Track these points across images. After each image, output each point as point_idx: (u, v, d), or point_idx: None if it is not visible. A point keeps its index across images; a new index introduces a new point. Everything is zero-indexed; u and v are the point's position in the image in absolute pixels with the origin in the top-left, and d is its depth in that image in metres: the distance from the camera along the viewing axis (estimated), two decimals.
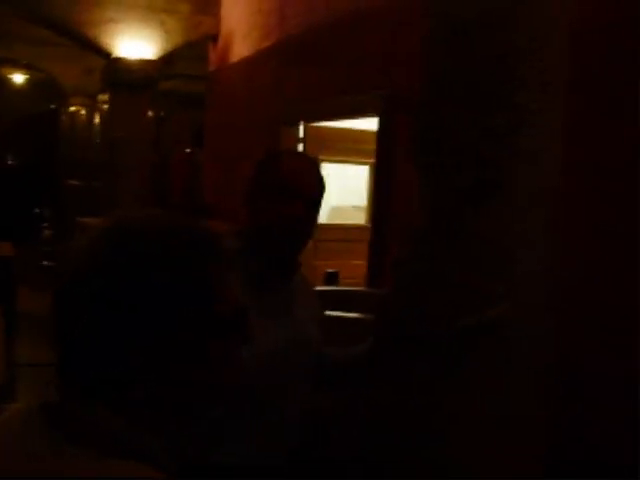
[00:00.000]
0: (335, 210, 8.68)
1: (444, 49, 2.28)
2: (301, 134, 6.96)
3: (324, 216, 8.30)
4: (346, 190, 8.45)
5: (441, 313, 2.24)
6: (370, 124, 5.83)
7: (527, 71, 2.17)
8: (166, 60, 9.65)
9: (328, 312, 3.43)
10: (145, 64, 8.83)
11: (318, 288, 5.35)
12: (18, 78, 15.47)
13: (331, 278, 6.19)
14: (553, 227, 2.24)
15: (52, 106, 14.62)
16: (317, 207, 2.46)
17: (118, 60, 8.81)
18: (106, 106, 9.93)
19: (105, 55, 8.93)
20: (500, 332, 2.19)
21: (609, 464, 2.40)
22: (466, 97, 2.21)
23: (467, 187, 2.20)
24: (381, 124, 5.25)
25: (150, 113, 11.83)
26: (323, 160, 7.55)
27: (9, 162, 15.43)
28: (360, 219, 8.31)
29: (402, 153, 4.60)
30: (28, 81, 15.44)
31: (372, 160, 5.80)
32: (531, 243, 2.21)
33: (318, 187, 2.46)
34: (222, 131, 9.01)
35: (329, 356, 2.64)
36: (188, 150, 13.67)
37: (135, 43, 8.76)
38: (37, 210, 13.57)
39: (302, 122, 6.91)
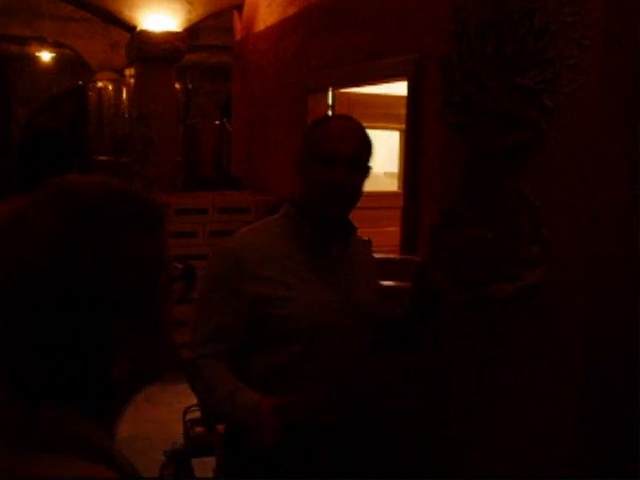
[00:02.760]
0: (372, 177, 8.60)
1: (474, 3, 2.20)
2: (330, 101, 6.89)
3: None
4: (378, 157, 8.36)
5: (478, 278, 2.18)
6: (400, 89, 5.77)
7: (559, 26, 2.09)
8: (192, 32, 9.58)
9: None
10: (170, 36, 8.74)
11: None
12: (45, 56, 15.49)
13: None
14: (593, 189, 2.18)
15: (79, 82, 14.64)
16: (360, 169, 2.47)
17: (142, 33, 8.73)
18: (133, 80, 9.84)
19: (129, 29, 8.87)
20: (537, 298, 2.14)
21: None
22: (496, 53, 2.13)
23: (500, 147, 2.13)
24: (411, 88, 5.17)
25: (177, 86, 11.81)
26: None
27: (40, 139, 15.53)
28: (393, 186, 8.23)
29: (432, 117, 4.51)
30: (55, 58, 15.46)
31: (403, 126, 5.73)
32: (570, 206, 2.14)
33: (360, 150, 2.46)
34: (250, 101, 8.95)
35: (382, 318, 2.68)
36: (217, 122, 13.64)
37: (159, 15, 8.68)
38: None
39: (330, 88, 6.84)
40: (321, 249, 2.48)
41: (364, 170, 2.49)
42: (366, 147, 2.48)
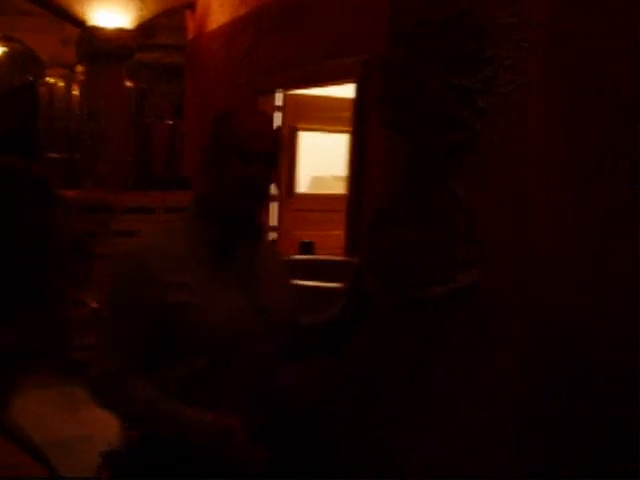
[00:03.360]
0: (316, 180, 8.59)
1: (412, 1, 2.19)
2: (279, 102, 6.85)
3: (304, 186, 8.23)
4: (327, 159, 8.35)
5: (408, 280, 2.17)
6: (350, 91, 5.74)
7: (497, 27, 2.08)
8: (146, 30, 9.49)
9: (300, 281, 3.37)
10: (121, 33, 8.64)
11: (292, 257, 5.30)
12: None
13: (306, 248, 6.09)
14: (530, 190, 2.17)
15: (30, 78, 14.41)
16: (275, 165, 2.40)
17: (93, 29, 8.61)
18: (83, 77, 9.72)
19: (80, 24, 8.74)
20: (472, 299, 2.12)
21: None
22: (433, 53, 2.12)
23: (437, 148, 2.12)
24: (358, 90, 5.15)
25: (131, 85, 11.69)
26: (302, 129, 7.46)
27: None
28: (341, 188, 8.20)
29: (375, 120, 4.49)
30: (5, 53, 15.20)
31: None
32: (506, 207, 2.13)
33: (274, 144, 2.39)
34: (201, 100, 8.88)
35: (302, 325, 2.59)
36: (169, 122, 13.52)
37: (110, 12, 8.56)
38: None
39: (280, 90, 6.80)
40: (231, 250, 2.37)
41: (276, 165, 2.42)
42: (278, 141, 2.43)
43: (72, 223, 1.19)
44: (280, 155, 2.43)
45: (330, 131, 7.78)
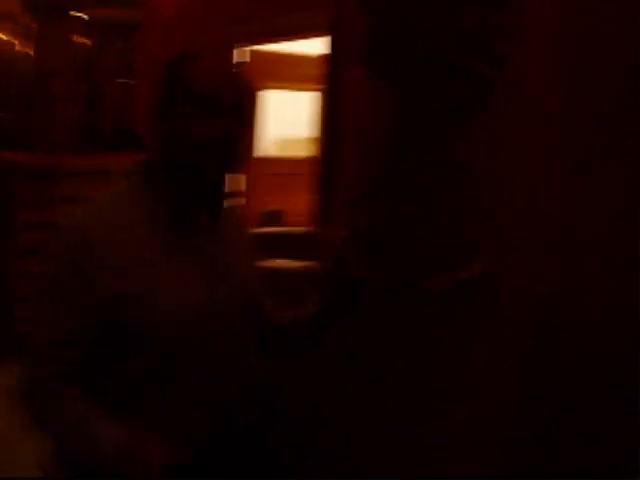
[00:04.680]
0: (284, 142, 8.22)
1: None
2: (240, 59, 6.45)
3: (271, 149, 7.84)
4: (295, 120, 7.97)
5: (407, 266, 1.77)
6: (316, 48, 5.37)
7: None
8: None
9: (269, 262, 2.98)
10: None
11: (259, 230, 4.92)
12: None
13: (273, 218, 5.67)
14: (548, 157, 1.78)
15: None
16: (244, 119, 1.95)
17: None
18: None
19: None
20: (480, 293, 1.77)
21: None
22: None
23: (438, 103, 1.71)
24: (331, 44, 4.76)
25: (84, 41, 11.26)
26: (269, 87, 7.07)
27: None
28: (302, 151, 7.83)
29: (353, 77, 4.11)
30: None
31: (315, 87, 5.34)
32: (523, 180, 1.75)
33: (244, 97, 1.96)
34: (157, 59, 8.43)
35: (274, 316, 2.19)
36: (122, 80, 13.08)
37: None
38: None
39: (240, 45, 6.39)
40: (189, 224, 1.95)
41: (245, 119, 1.97)
42: (247, 90, 1.99)
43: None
44: (252, 110, 1.98)
45: (301, 90, 7.38)
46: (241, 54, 6.46)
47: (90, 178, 6.73)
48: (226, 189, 2.01)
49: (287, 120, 7.78)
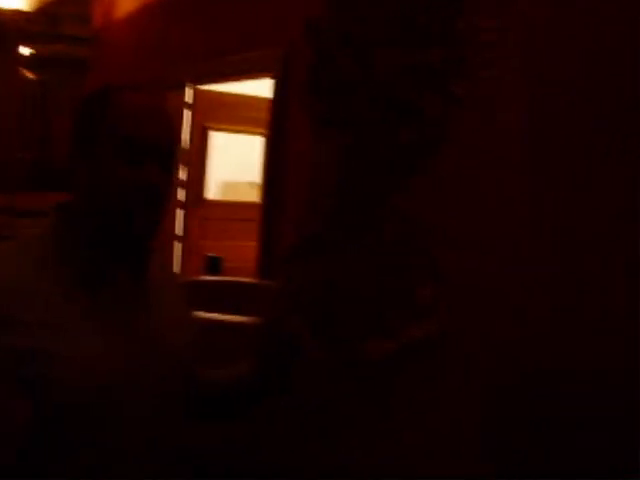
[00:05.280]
0: (227, 186, 8.07)
1: None
2: (189, 99, 6.29)
3: (214, 192, 7.68)
4: (240, 164, 7.84)
5: (347, 331, 1.59)
6: (268, 90, 5.23)
7: None
8: (49, 18, 8.85)
9: (203, 313, 2.79)
10: (16, 14, 7.97)
11: (198, 278, 4.73)
12: None
13: (213, 264, 5.47)
14: (510, 206, 1.62)
15: None
16: (172, 166, 1.76)
17: None
18: None
19: None
20: (426, 354, 1.60)
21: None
22: (385, 21, 1.54)
23: (387, 149, 1.54)
24: (276, 86, 4.62)
25: (33, 77, 11.07)
26: (214, 128, 6.91)
27: None
28: (255, 196, 7.68)
29: (299, 120, 3.96)
30: None
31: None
32: (475, 230, 1.58)
33: (173, 141, 1.76)
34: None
35: (204, 377, 1.98)
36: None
37: None
38: None
39: (189, 85, 6.24)
40: (107, 279, 1.73)
41: (173, 170, 1.79)
42: (177, 137, 1.81)
43: None
44: (178, 153, 1.79)
45: (245, 132, 7.23)
46: (188, 94, 6.32)
47: (36, 217, 6.53)
48: (153, 242, 1.81)
49: (234, 163, 7.66)
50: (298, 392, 1.81)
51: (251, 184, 8.17)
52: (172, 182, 1.78)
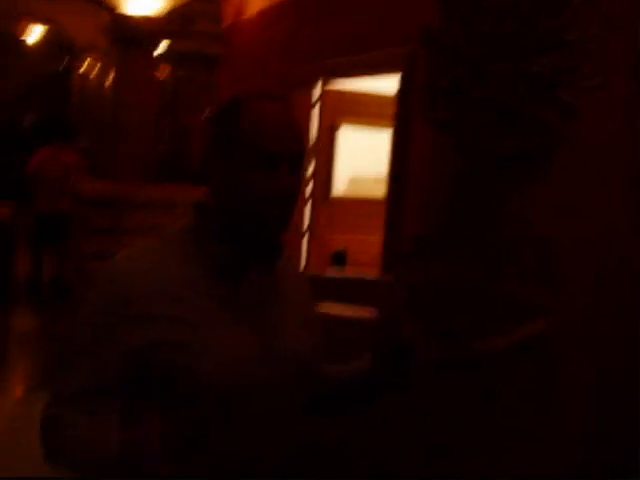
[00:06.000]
0: (354, 181, 8.08)
1: None
2: (317, 96, 6.38)
3: (342, 187, 7.71)
4: (368, 159, 7.84)
5: (462, 329, 1.64)
6: (394, 87, 5.26)
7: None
8: (183, 16, 9.08)
9: (328, 307, 2.87)
10: (150, 20, 8.23)
11: (324, 275, 4.81)
12: (33, 34, 14.92)
13: (339, 258, 5.55)
14: (615, 215, 1.63)
15: (64, 64, 14.13)
16: (301, 169, 1.84)
17: (123, 16, 8.22)
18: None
19: (110, 10, 8.36)
20: (538, 352, 1.63)
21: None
22: (499, 32, 1.58)
23: (499, 154, 1.59)
24: (402, 83, 4.64)
25: (167, 74, 11.37)
26: (341, 126, 6.97)
27: (25, 123, 14.99)
28: (382, 191, 7.70)
29: (420, 117, 3.99)
30: (42, 37, 14.90)
31: None
32: (588, 238, 1.61)
33: (302, 145, 1.85)
34: (236, 93, 8.44)
35: (325, 372, 2.05)
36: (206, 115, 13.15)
37: None
38: None
39: (318, 82, 6.32)
40: (240, 278, 1.83)
41: (302, 173, 1.87)
42: (304, 141, 1.89)
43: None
44: (305, 156, 1.87)
45: (373, 128, 7.25)
46: (316, 91, 6.40)
47: (161, 208, 6.74)
48: (283, 239, 1.90)
49: (362, 159, 7.66)
50: (413, 391, 1.87)
51: (378, 179, 8.19)
52: (301, 184, 1.86)
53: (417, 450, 1.93)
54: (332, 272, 4.98)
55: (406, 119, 4.50)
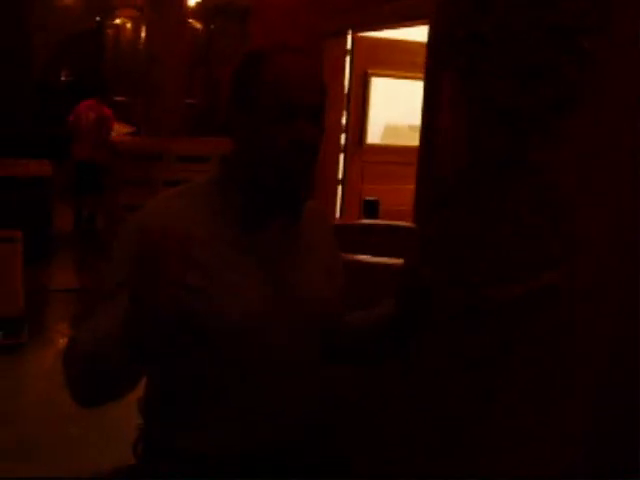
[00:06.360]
0: (389, 129, 8.08)
1: None
2: (349, 46, 6.36)
3: (377, 136, 7.72)
4: (402, 108, 7.82)
5: (477, 278, 1.66)
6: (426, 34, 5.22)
7: None
8: None
9: (356, 256, 2.90)
10: None
11: (359, 222, 4.83)
12: None
13: (371, 207, 5.56)
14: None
15: (97, 19, 14.11)
16: (324, 117, 1.87)
17: None
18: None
19: None
20: (553, 303, 1.64)
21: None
22: None
23: (519, 108, 1.59)
24: (431, 32, 4.62)
25: (199, 27, 11.32)
26: (375, 74, 6.94)
27: (62, 78, 15.09)
28: (416, 140, 7.69)
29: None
30: None
31: None
32: (606, 194, 1.61)
33: (322, 92, 1.87)
34: (269, 43, 8.42)
35: (347, 321, 2.09)
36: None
37: None
38: None
39: (350, 32, 6.30)
40: (262, 227, 1.87)
41: (323, 124, 1.88)
42: (326, 93, 1.91)
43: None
44: (325, 107, 1.90)
45: (406, 77, 7.22)
46: (348, 40, 6.38)
47: (197, 162, 6.77)
48: (307, 191, 1.92)
49: (396, 108, 7.64)
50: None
51: (412, 127, 8.17)
52: (323, 136, 1.88)
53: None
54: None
55: (435, 68, 4.48)
